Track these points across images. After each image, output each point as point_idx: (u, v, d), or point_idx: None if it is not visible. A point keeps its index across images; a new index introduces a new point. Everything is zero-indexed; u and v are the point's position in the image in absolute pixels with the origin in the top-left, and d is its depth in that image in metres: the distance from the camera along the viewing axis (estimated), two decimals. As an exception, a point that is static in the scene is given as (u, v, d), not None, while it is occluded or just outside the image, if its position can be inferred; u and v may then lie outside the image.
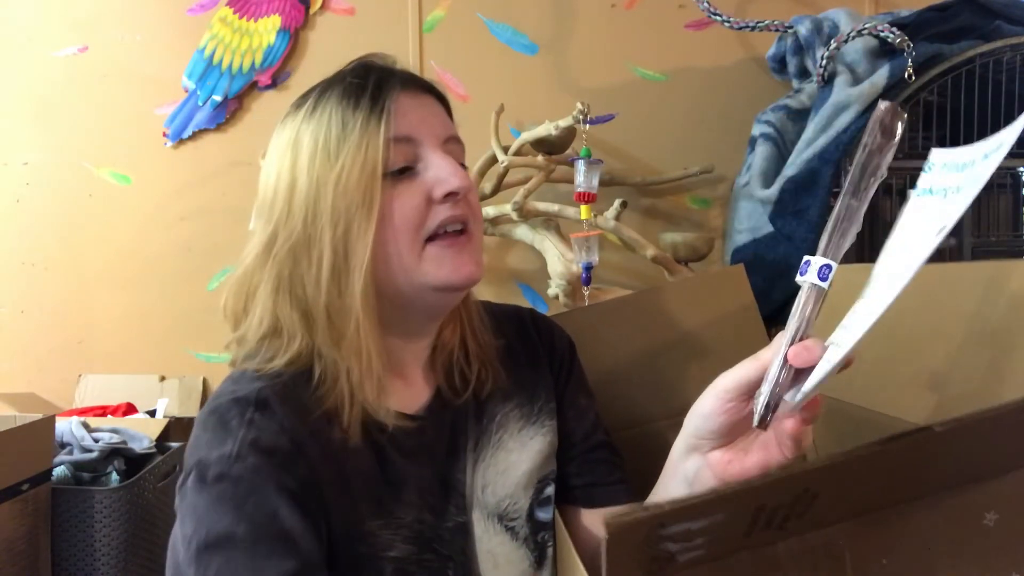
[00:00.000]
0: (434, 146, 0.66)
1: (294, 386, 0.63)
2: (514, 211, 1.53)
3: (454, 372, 0.73)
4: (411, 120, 0.65)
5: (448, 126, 0.69)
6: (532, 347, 0.80)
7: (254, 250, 0.68)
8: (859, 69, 1.46)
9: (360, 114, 0.63)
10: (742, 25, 1.61)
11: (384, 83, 0.65)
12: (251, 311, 0.67)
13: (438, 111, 0.70)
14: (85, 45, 1.94)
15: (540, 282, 1.86)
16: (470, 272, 0.66)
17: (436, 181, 0.65)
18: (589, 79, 1.92)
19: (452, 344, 0.73)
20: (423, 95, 0.68)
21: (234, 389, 0.62)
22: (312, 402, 0.63)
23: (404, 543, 0.64)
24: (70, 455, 1.39)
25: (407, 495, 0.65)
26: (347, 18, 1.93)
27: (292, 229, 0.65)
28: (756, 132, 1.63)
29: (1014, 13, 1.47)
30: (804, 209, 1.45)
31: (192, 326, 1.95)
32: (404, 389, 0.71)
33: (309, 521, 0.57)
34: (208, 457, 0.57)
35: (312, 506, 0.59)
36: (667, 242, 1.63)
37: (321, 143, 0.64)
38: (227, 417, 0.59)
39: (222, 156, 1.94)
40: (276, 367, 0.64)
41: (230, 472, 0.56)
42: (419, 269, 0.64)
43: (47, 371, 1.93)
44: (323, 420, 0.63)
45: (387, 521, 0.64)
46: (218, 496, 0.55)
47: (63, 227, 1.95)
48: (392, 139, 0.63)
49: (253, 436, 0.58)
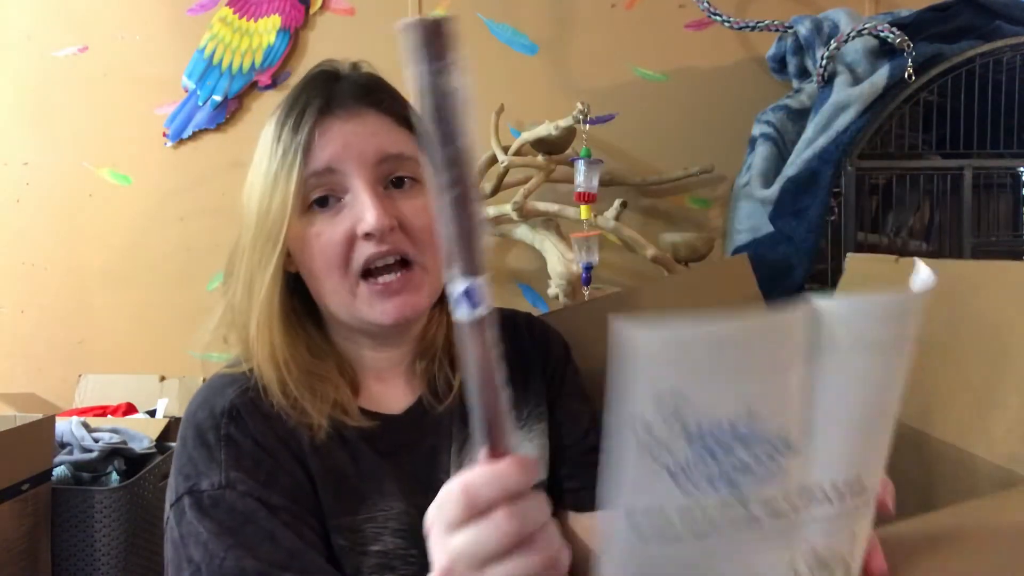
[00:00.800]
0: (360, 175, 0.63)
1: (266, 389, 0.65)
2: (514, 211, 1.53)
3: (437, 378, 0.72)
4: (333, 149, 0.63)
5: (385, 145, 0.64)
6: (523, 352, 0.79)
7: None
8: (859, 69, 1.46)
9: (281, 147, 0.63)
10: (742, 25, 1.61)
11: (308, 110, 0.64)
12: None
13: (374, 128, 0.65)
14: (85, 45, 1.94)
15: (540, 282, 1.86)
16: (401, 314, 0.64)
17: (356, 219, 0.62)
18: (589, 79, 1.92)
19: (435, 350, 0.73)
20: (356, 114, 0.64)
21: (207, 398, 0.65)
22: (276, 406, 0.65)
23: (392, 536, 0.64)
24: (70, 455, 1.39)
25: (389, 487, 0.66)
26: (347, 18, 1.93)
27: (236, 246, 0.68)
28: (756, 132, 1.63)
29: (1014, 13, 1.47)
30: (804, 209, 1.45)
31: (192, 326, 1.93)
32: (383, 391, 0.72)
33: (305, 528, 0.59)
34: (200, 485, 0.59)
35: (302, 511, 0.60)
36: (667, 242, 1.63)
37: (255, 169, 0.67)
38: (205, 434, 0.61)
39: (222, 156, 1.94)
40: (242, 370, 0.67)
41: (223, 500, 0.58)
42: (354, 306, 0.64)
43: (47, 371, 1.93)
44: (291, 422, 0.64)
45: (372, 514, 0.64)
46: (219, 525, 0.57)
47: (63, 227, 1.95)
48: (310, 174, 0.62)
49: (234, 457, 0.60)
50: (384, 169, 0.65)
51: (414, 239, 0.64)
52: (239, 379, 0.67)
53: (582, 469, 0.76)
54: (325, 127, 0.63)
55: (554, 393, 0.79)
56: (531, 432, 0.75)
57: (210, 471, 0.59)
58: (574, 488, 0.75)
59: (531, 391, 0.77)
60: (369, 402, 0.70)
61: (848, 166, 1.41)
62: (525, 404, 0.76)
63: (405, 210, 0.64)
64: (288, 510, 0.59)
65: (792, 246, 1.46)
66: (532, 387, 0.77)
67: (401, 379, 0.73)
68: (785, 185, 1.46)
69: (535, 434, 0.75)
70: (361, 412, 0.67)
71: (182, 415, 0.65)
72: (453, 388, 0.71)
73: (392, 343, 0.72)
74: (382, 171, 0.65)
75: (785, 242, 1.48)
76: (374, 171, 0.64)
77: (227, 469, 0.59)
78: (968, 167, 1.44)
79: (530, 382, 0.77)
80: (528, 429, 0.75)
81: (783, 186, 1.47)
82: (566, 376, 0.80)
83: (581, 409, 0.80)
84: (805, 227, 1.45)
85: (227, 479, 0.58)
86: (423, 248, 0.65)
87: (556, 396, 0.79)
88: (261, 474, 0.59)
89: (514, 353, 0.79)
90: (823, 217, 1.44)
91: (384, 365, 0.72)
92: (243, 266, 0.66)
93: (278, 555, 0.56)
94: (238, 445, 0.60)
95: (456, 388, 0.71)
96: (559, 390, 0.79)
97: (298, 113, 0.64)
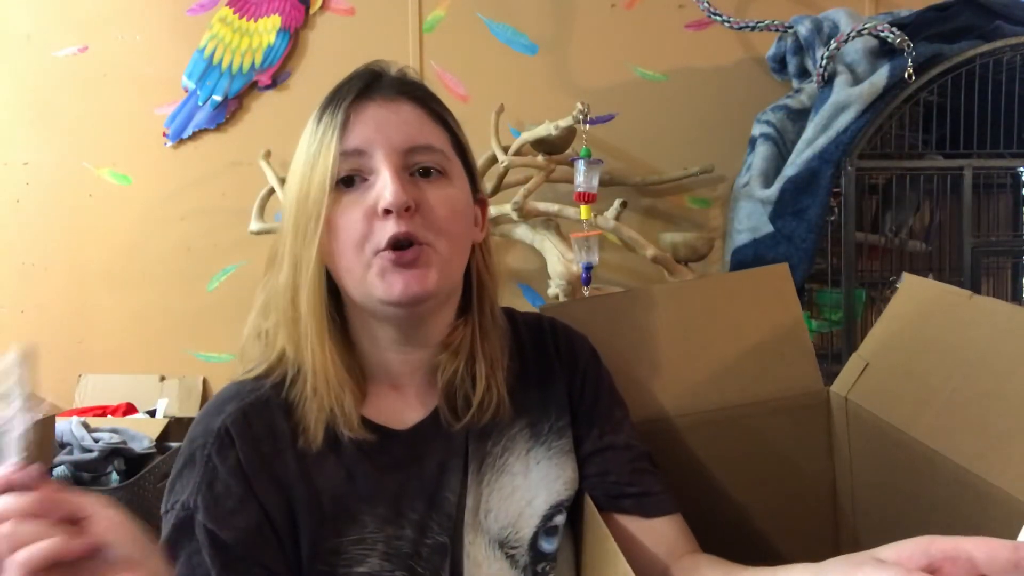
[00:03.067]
0: (387, 158, 0.64)
1: (267, 401, 0.66)
2: (514, 211, 1.53)
3: (457, 393, 0.70)
4: (365, 131, 0.64)
5: (415, 135, 0.66)
6: (548, 362, 0.77)
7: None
8: (859, 69, 1.46)
9: (321, 127, 0.65)
10: (742, 25, 1.61)
11: (347, 93, 0.66)
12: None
13: (407, 117, 0.66)
14: (85, 45, 1.94)
15: (540, 282, 1.86)
16: (408, 290, 0.63)
17: (377, 196, 0.63)
18: (589, 79, 1.92)
19: (458, 360, 0.71)
20: (391, 101, 0.66)
21: (209, 411, 0.67)
22: (282, 415, 0.66)
23: (379, 559, 0.64)
24: (70, 455, 1.39)
25: (384, 506, 0.65)
26: (347, 18, 1.93)
27: (280, 236, 0.69)
28: (756, 132, 1.63)
29: (1014, 13, 1.47)
30: (804, 209, 1.45)
31: (192, 326, 1.95)
32: (396, 401, 0.71)
33: (253, 568, 0.61)
34: (179, 501, 0.62)
35: (251, 552, 0.61)
36: (667, 242, 1.63)
37: (297, 155, 0.67)
38: (195, 451, 0.64)
39: (222, 156, 1.94)
40: (257, 374, 0.68)
41: (189, 523, 0.61)
42: (366, 281, 0.64)
43: (47, 371, 1.93)
44: (292, 433, 0.65)
45: (362, 535, 0.64)
46: (174, 545, 0.61)
47: (63, 227, 1.95)
48: (342, 152, 0.64)
49: (207, 484, 0.62)
50: (412, 158, 0.66)
51: (433, 226, 0.65)
52: (246, 390, 0.67)
53: (638, 475, 0.73)
54: (360, 109, 0.65)
55: (587, 405, 0.76)
56: (550, 450, 0.73)
57: (186, 490, 0.62)
58: (636, 494, 0.73)
59: (552, 404, 0.75)
60: (377, 414, 0.68)
61: (848, 166, 1.42)
62: (547, 418, 0.74)
63: (427, 197, 0.65)
64: (233, 551, 0.61)
65: (792, 246, 1.47)
66: (554, 400, 0.75)
67: (417, 389, 0.71)
68: (785, 185, 1.47)
69: (555, 451, 0.73)
70: (364, 424, 0.66)
71: (181, 415, 0.66)
72: (472, 405, 0.69)
73: (412, 339, 0.70)
74: (409, 159, 0.66)
75: (785, 242, 1.48)
76: (402, 158, 0.65)
77: (197, 493, 0.62)
78: (968, 167, 1.44)
79: (551, 396, 0.75)
80: (548, 446, 0.73)
81: (783, 186, 1.47)
82: (599, 384, 0.78)
83: (620, 414, 0.78)
84: (805, 227, 1.45)
85: (194, 503, 0.61)
86: (440, 235, 0.65)
87: (591, 407, 0.76)
88: (222, 509, 0.61)
89: (539, 363, 0.77)
90: (823, 217, 1.44)
91: (403, 370, 0.71)
92: (287, 249, 0.66)
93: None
94: (215, 472, 0.63)
95: (475, 406, 0.69)
96: (593, 400, 0.77)
97: (339, 98, 0.66)
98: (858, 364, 0.89)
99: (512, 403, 0.72)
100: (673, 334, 0.92)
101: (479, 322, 0.72)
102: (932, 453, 0.74)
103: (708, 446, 0.90)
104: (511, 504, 0.70)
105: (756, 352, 0.91)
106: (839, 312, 1.49)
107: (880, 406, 0.83)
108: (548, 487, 0.71)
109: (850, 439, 0.90)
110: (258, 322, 0.71)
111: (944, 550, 0.44)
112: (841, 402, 0.90)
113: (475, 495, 0.69)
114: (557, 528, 0.71)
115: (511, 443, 0.72)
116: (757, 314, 0.93)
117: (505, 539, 0.69)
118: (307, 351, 0.65)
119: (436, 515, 0.67)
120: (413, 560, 0.64)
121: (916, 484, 0.76)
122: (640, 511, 0.72)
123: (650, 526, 0.72)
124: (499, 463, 0.71)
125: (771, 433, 0.91)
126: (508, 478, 0.70)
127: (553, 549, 0.71)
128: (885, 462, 0.83)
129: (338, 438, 0.65)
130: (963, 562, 0.43)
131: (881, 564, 0.45)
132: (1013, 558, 0.42)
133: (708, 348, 0.92)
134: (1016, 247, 1.66)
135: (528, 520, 0.70)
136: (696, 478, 0.90)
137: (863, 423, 0.87)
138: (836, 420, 0.91)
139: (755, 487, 0.91)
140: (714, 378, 0.91)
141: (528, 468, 0.72)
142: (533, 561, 0.70)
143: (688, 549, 0.72)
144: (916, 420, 0.77)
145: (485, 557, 0.68)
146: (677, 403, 0.90)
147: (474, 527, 0.68)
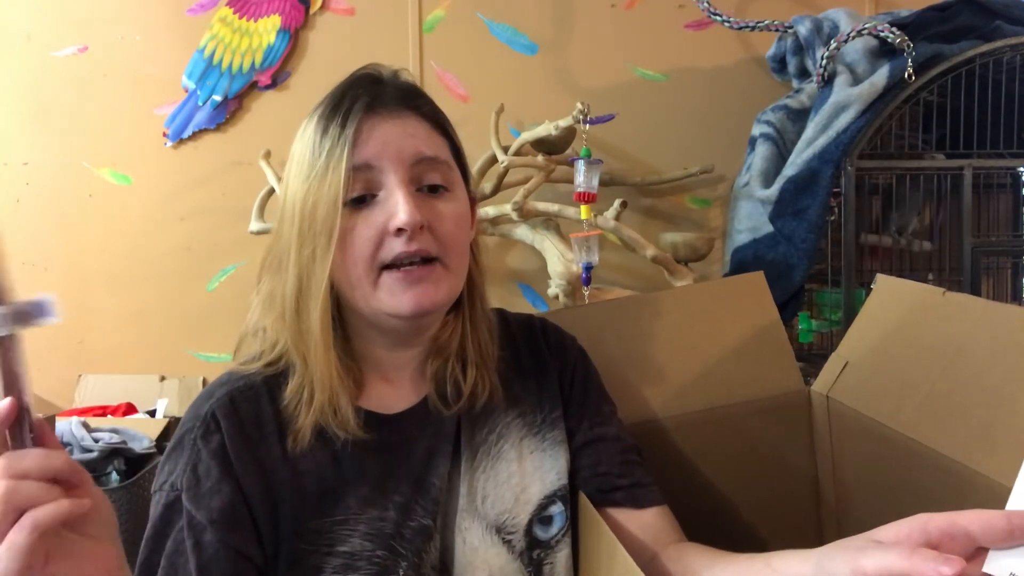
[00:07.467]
0: (396, 172, 0.65)
1: (257, 387, 0.68)
2: (514, 211, 1.53)
3: (447, 381, 0.72)
4: (372, 146, 0.65)
5: (421, 146, 0.67)
6: (540, 357, 0.79)
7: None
8: (859, 69, 1.46)
9: (327, 142, 0.65)
10: (742, 25, 1.61)
11: (353, 106, 0.66)
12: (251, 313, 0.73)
13: (412, 130, 0.67)
14: (85, 45, 1.94)
15: (540, 282, 1.86)
16: (419, 303, 0.65)
17: (389, 215, 0.65)
18: (589, 79, 1.92)
19: (448, 352, 0.73)
20: (397, 115, 0.67)
21: (202, 397, 0.69)
22: (270, 402, 0.68)
23: (361, 538, 0.65)
24: (70, 455, 1.39)
25: (366, 490, 0.67)
26: (347, 18, 1.93)
27: (279, 240, 0.69)
28: (756, 132, 1.63)
29: (1014, 13, 1.47)
30: (804, 209, 1.45)
31: (192, 326, 1.95)
32: (386, 390, 0.72)
33: (222, 549, 0.62)
34: (167, 482, 0.65)
35: (225, 532, 0.63)
36: (667, 242, 1.64)
37: (299, 164, 0.67)
38: (184, 435, 0.67)
39: (222, 156, 1.94)
40: (256, 367, 0.69)
41: (176, 503, 0.64)
42: (375, 296, 0.66)
43: (47, 371, 1.92)
44: (282, 421, 0.67)
45: (346, 516, 0.65)
46: (155, 526, 0.66)
47: (63, 227, 1.95)
48: (352, 168, 0.64)
49: (191, 466, 0.64)
50: (418, 170, 0.67)
51: (441, 242, 0.67)
52: (236, 377, 0.69)
53: (628, 467, 0.76)
54: (369, 124, 0.66)
55: (577, 398, 0.79)
56: (544, 440, 0.75)
57: (175, 471, 0.65)
58: (626, 486, 0.75)
59: (546, 397, 0.77)
60: (367, 401, 0.70)
61: (848, 166, 1.42)
62: (540, 410, 0.76)
63: (435, 213, 0.67)
64: (206, 531, 0.63)
65: (792, 246, 1.47)
66: (547, 393, 0.77)
67: (408, 380, 0.73)
68: (785, 185, 1.47)
69: (549, 442, 0.75)
70: (355, 410, 0.67)
71: (181, 415, 0.67)
72: (463, 393, 0.71)
73: (407, 342, 0.72)
74: (416, 172, 0.67)
75: (785, 242, 1.48)
76: (409, 171, 0.66)
77: (182, 475, 0.64)
78: (968, 167, 1.44)
79: (545, 388, 0.77)
80: (542, 437, 0.75)
81: (783, 186, 1.47)
82: (588, 379, 0.81)
83: (609, 409, 0.80)
84: (805, 227, 1.45)
85: (180, 484, 0.64)
86: (448, 251, 0.67)
87: (581, 400, 0.78)
88: (200, 490, 0.63)
89: (532, 357, 0.79)
90: (823, 217, 1.44)
91: (395, 365, 0.73)
92: (291, 259, 0.67)
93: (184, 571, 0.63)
94: (199, 455, 0.65)
95: (466, 393, 0.71)
96: (583, 394, 0.79)
97: (345, 110, 0.66)
98: (838, 363, 0.92)
99: (505, 392, 0.74)
100: (659, 340, 0.95)
101: (469, 316, 0.74)
102: (915, 444, 0.76)
103: (695, 445, 0.94)
104: (507, 490, 0.72)
105: (737, 355, 0.95)
106: (839, 312, 1.49)
107: (861, 402, 0.85)
108: (542, 477, 0.73)
109: (832, 435, 0.92)
110: (255, 322, 0.73)
111: (941, 527, 0.45)
112: (822, 400, 0.92)
113: (469, 481, 0.71)
114: (552, 518, 0.73)
115: (505, 431, 0.74)
116: (737, 320, 0.97)
117: (502, 524, 0.71)
118: (311, 357, 0.67)
119: (421, 499, 0.68)
120: (395, 540, 0.66)
121: (899, 475, 0.78)
122: (631, 502, 0.74)
123: (640, 516, 0.74)
124: (494, 450, 0.73)
125: (755, 432, 0.95)
126: (504, 464, 0.72)
127: (548, 537, 0.73)
128: (868, 455, 0.85)
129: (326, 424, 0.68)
130: (961, 537, 0.44)
131: (884, 547, 0.46)
132: (1008, 526, 0.43)
133: (692, 352, 0.95)
134: (1016, 247, 1.66)
135: (523, 507, 0.72)
136: (684, 476, 0.92)
137: (845, 419, 0.89)
138: (817, 417, 0.94)
139: (741, 483, 0.94)
140: (699, 380, 0.94)
141: (522, 456, 0.73)
142: (529, 547, 0.72)
143: (675, 538, 0.74)
144: (898, 413, 0.79)
145: (482, 542, 0.70)
146: (664, 405, 0.93)
147: (470, 512, 0.70)
